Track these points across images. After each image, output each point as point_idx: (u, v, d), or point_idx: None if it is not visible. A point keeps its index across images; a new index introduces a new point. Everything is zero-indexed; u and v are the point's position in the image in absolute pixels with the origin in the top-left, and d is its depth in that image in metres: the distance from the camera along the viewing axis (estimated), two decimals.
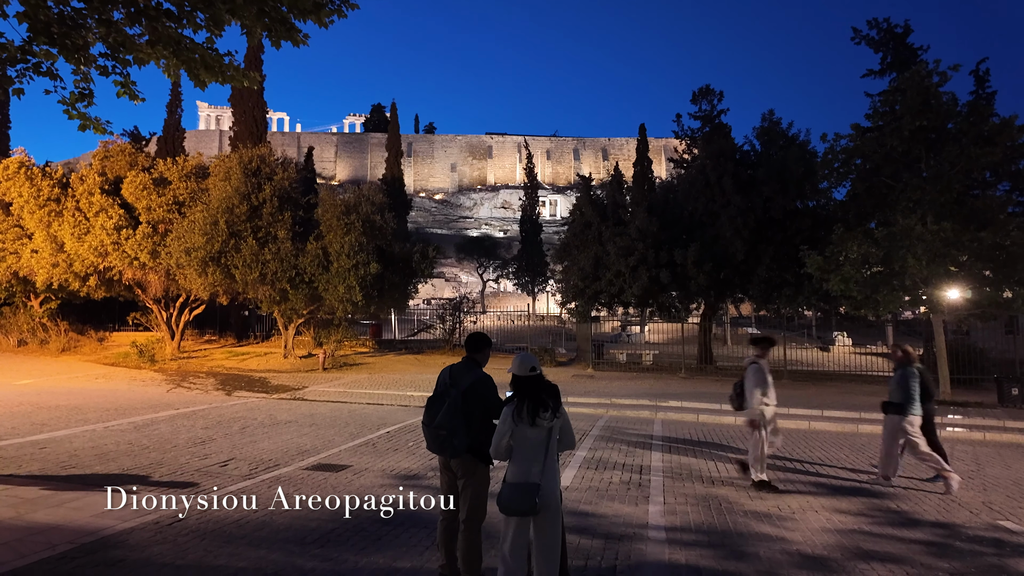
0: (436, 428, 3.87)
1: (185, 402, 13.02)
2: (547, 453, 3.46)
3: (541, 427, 3.47)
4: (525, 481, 3.43)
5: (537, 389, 3.53)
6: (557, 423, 3.52)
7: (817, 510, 6.06)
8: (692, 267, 17.51)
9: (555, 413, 3.50)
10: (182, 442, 8.69)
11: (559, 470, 3.60)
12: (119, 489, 6.07)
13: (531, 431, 3.48)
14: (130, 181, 18.39)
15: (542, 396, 3.51)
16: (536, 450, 3.47)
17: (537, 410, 3.47)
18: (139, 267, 18.30)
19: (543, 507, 3.40)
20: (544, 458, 3.45)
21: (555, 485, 3.50)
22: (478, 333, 4.24)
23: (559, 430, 3.57)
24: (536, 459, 3.45)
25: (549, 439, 3.48)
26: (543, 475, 3.43)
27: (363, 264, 17.05)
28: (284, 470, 7.21)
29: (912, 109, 12.94)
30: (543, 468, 3.43)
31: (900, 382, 6.86)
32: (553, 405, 3.51)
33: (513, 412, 3.51)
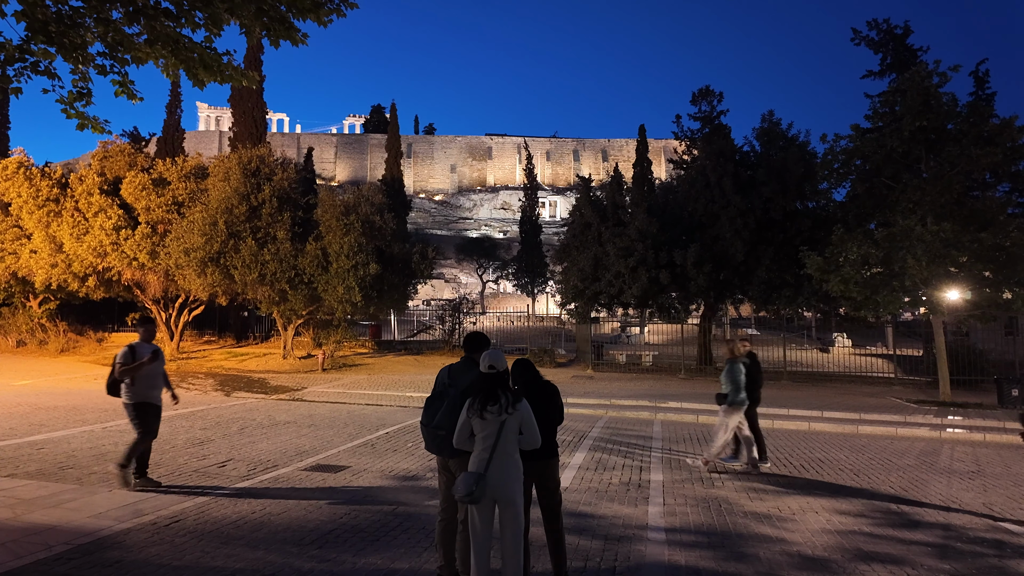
0: (435, 428, 3.85)
1: (183, 403, 12.97)
2: (496, 446, 3.52)
3: (490, 420, 3.54)
4: (471, 471, 3.53)
5: (491, 384, 3.59)
6: (512, 419, 3.57)
7: (817, 511, 6.04)
8: (692, 268, 17.50)
9: (507, 408, 3.55)
10: (180, 443, 8.66)
11: (519, 465, 3.63)
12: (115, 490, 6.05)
13: (482, 424, 3.56)
14: (129, 181, 18.37)
15: (495, 391, 3.58)
16: (486, 442, 3.55)
17: (485, 404, 3.55)
18: (138, 267, 18.27)
19: (492, 498, 3.48)
20: (492, 451, 3.51)
21: (509, 479, 3.54)
22: (477, 332, 4.22)
23: (518, 426, 3.62)
24: (485, 451, 3.53)
25: (500, 433, 3.54)
26: (489, 466, 3.49)
27: (362, 265, 17.03)
28: (283, 471, 7.19)
29: (912, 110, 12.93)
30: (490, 459, 3.50)
31: (728, 374, 7.45)
32: (505, 401, 3.57)
33: (468, 405, 3.62)
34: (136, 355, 6.12)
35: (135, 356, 6.12)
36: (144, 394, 6.15)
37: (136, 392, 6.11)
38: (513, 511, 3.53)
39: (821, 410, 12.20)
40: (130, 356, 6.10)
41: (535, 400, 4.11)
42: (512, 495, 3.53)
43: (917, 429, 10.84)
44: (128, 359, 6.09)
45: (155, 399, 6.26)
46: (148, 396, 6.18)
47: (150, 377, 6.21)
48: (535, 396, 4.12)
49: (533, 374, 4.19)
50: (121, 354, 6.15)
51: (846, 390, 15.99)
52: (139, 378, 6.11)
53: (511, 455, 3.57)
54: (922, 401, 13.66)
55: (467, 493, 3.40)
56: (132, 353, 6.13)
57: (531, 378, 4.18)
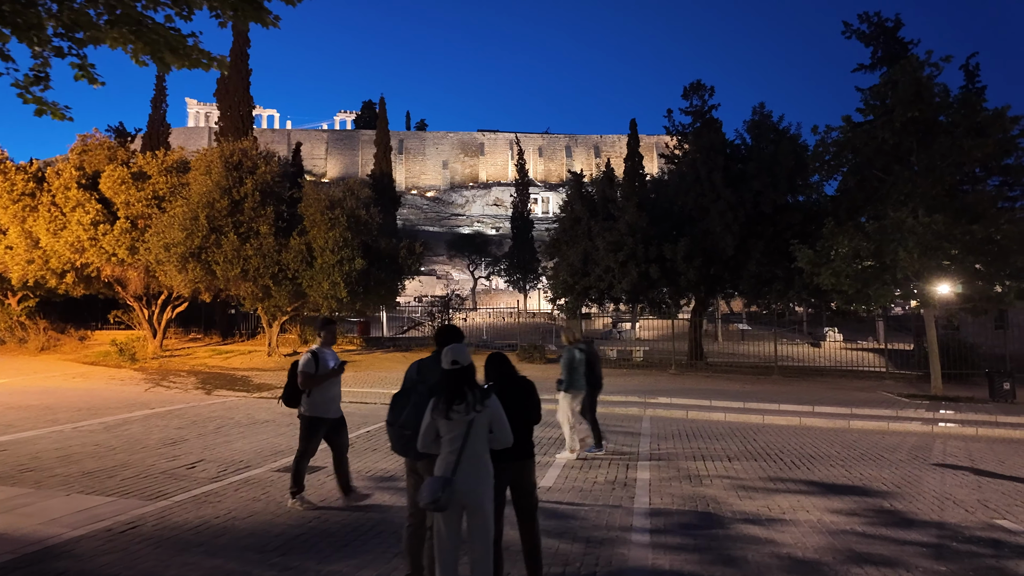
0: (400, 428, 3.60)
1: (162, 401, 12.65)
2: (464, 448, 3.25)
3: (457, 420, 3.27)
4: (436, 476, 3.27)
5: (456, 381, 3.32)
6: (480, 417, 3.30)
7: (808, 510, 5.84)
8: (682, 262, 17.30)
9: (475, 406, 3.29)
10: (152, 443, 8.35)
11: (489, 468, 3.36)
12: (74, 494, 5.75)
13: (447, 424, 3.29)
14: (108, 175, 17.90)
15: (461, 388, 3.31)
16: (453, 444, 3.28)
17: (451, 402, 3.28)
18: (117, 263, 17.82)
19: (460, 505, 3.23)
20: (460, 453, 3.24)
21: (478, 484, 3.28)
22: (449, 326, 3.97)
23: (489, 424, 3.36)
24: (452, 453, 3.26)
25: (468, 433, 3.27)
26: (456, 470, 3.23)
27: (348, 260, 16.69)
28: (254, 472, 6.90)
29: (904, 100, 12.76)
30: (457, 462, 3.24)
31: (564, 363, 7.65)
32: (472, 398, 3.30)
33: (432, 405, 3.35)
34: (319, 362, 5.40)
35: (318, 364, 5.41)
36: (319, 407, 5.44)
37: (310, 404, 5.42)
38: (482, 518, 3.27)
39: (812, 405, 12.05)
40: (313, 364, 5.38)
41: (510, 397, 3.86)
42: (481, 501, 3.27)
43: (909, 424, 10.70)
44: (311, 367, 5.36)
45: (332, 412, 5.54)
46: (323, 409, 5.46)
47: (328, 388, 5.51)
48: (510, 393, 3.87)
49: (508, 369, 3.94)
50: (304, 361, 5.38)
51: (837, 384, 15.87)
52: (316, 388, 5.41)
53: (480, 457, 3.31)
54: (913, 395, 13.55)
55: (432, 500, 3.14)
56: (315, 360, 5.40)
57: (505, 374, 3.93)
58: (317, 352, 5.46)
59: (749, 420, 11.20)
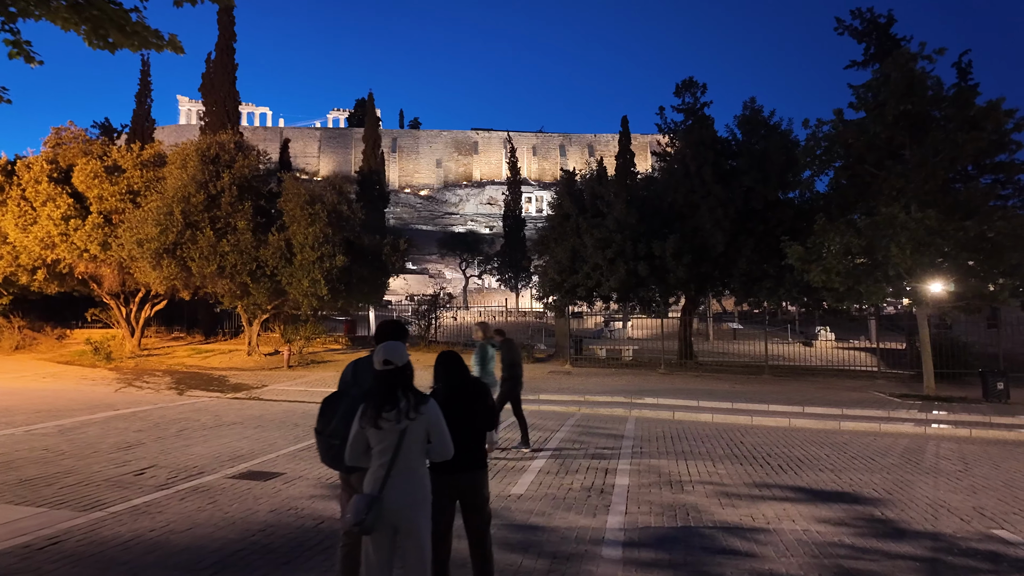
0: (328, 437, 3.18)
1: (130, 402, 12.17)
2: (394, 461, 2.83)
3: (388, 429, 2.84)
4: (363, 493, 2.85)
5: (389, 385, 2.90)
6: (415, 425, 2.87)
7: (794, 519, 5.46)
8: (671, 259, 16.94)
9: (408, 413, 2.86)
10: (106, 447, 7.89)
11: (425, 483, 2.95)
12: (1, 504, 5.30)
13: (378, 434, 2.86)
14: (80, 168, 17.33)
15: (393, 392, 2.88)
16: (383, 457, 2.85)
17: (380, 409, 2.85)
18: (90, 259, 17.27)
19: (391, 526, 2.81)
20: (390, 467, 2.82)
21: (411, 502, 2.85)
22: (390, 321, 3.55)
23: (425, 433, 2.92)
24: (382, 468, 2.84)
25: (400, 444, 2.84)
26: (385, 487, 2.80)
27: (328, 256, 16.22)
28: (207, 478, 6.46)
29: (896, 93, 12.43)
30: (386, 478, 2.81)
31: (476, 359, 7.55)
32: (406, 403, 2.87)
33: (360, 412, 2.92)
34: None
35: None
36: None
37: None
38: (416, 541, 2.86)
39: (802, 405, 11.70)
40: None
41: (459, 401, 3.46)
42: (415, 521, 2.85)
43: (901, 425, 10.37)
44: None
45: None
46: None
47: None
48: (459, 397, 3.47)
49: (457, 370, 3.54)
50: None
51: (828, 384, 15.56)
52: None
53: (414, 471, 2.89)
54: (905, 395, 13.24)
55: (356, 522, 2.72)
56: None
57: (454, 375, 3.53)
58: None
59: (737, 421, 10.85)
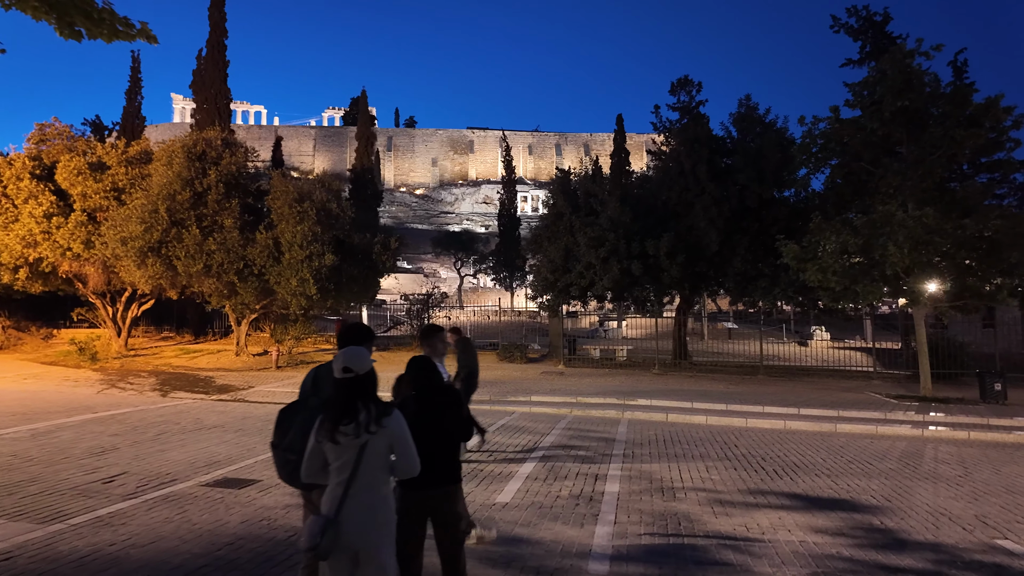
0: (284, 451, 2.92)
1: (111, 404, 11.86)
2: (353, 479, 2.57)
3: (346, 444, 2.59)
4: (320, 514, 2.59)
5: (348, 395, 2.64)
6: (376, 440, 2.61)
7: (790, 528, 5.24)
8: (665, 258, 16.71)
9: (368, 426, 2.60)
10: (78, 453, 7.60)
11: (388, 503, 2.69)
12: None
13: (335, 449, 2.60)
14: (63, 165, 16.96)
15: (353, 403, 2.62)
16: (341, 474, 2.60)
17: (338, 421, 2.59)
18: (73, 258, 16.92)
19: (349, 551, 2.55)
20: (348, 485, 2.57)
21: (372, 525, 2.59)
22: (354, 324, 3.29)
23: (388, 448, 2.67)
24: (339, 486, 2.59)
25: (359, 460, 2.58)
26: (343, 508, 2.55)
27: (317, 255, 15.93)
28: (179, 486, 6.19)
29: (893, 89, 12.21)
30: (343, 498, 2.56)
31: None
32: (366, 416, 2.61)
33: (316, 425, 2.67)
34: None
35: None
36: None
37: None
38: (377, 567, 2.60)
39: (798, 407, 11.49)
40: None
41: (430, 411, 3.20)
42: (376, 546, 2.59)
43: (898, 427, 10.17)
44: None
45: None
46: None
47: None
48: (431, 406, 3.22)
49: (427, 377, 3.28)
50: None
51: (824, 385, 15.37)
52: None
53: (375, 490, 2.64)
54: (902, 396, 13.05)
55: (310, 547, 2.47)
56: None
57: (425, 382, 3.27)
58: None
59: (731, 423, 10.63)
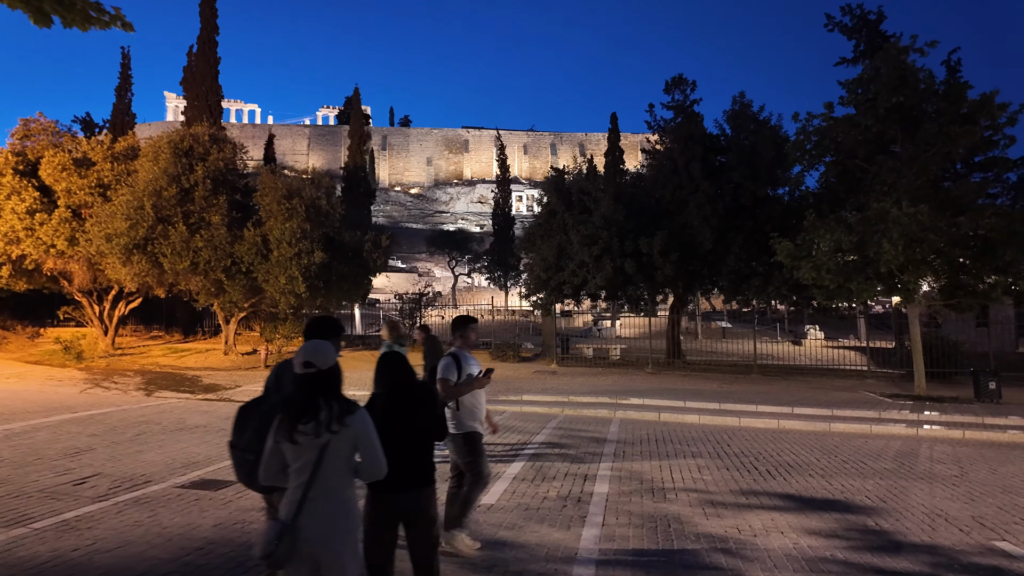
0: (242, 451, 2.73)
1: (93, 404, 11.62)
2: (312, 482, 2.38)
3: (305, 444, 2.40)
4: (276, 519, 2.41)
5: (309, 391, 2.45)
6: (338, 440, 2.43)
7: (783, 531, 5.08)
8: (658, 257, 16.57)
9: (329, 425, 2.41)
10: (52, 454, 7.37)
11: (351, 508, 2.50)
12: None
13: (294, 450, 2.41)
14: (47, 161, 16.67)
15: (314, 401, 2.43)
16: (300, 477, 2.41)
17: (297, 420, 2.40)
18: (57, 255, 16.63)
19: (309, 560, 2.36)
20: (306, 489, 2.38)
21: (333, 531, 2.40)
22: (321, 316, 3.10)
23: (352, 448, 2.49)
24: (298, 489, 2.40)
25: (320, 462, 2.40)
26: (300, 513, 2.36)
27: (306, 252, 15.70)
28: (154, 488, 5.98)
29: (888, 85, 12.11)
30: (301, 502, 2.37)
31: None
32: (327, 414, 2.42)
33: (275, 424, 2.47)
34: (461, 367, 4.41)
35: (460, 369, 4.40)
36: (471, 415, 4.49)
37: (460, 417, 4.44)
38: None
39: (792, 406, 11.37)
40: (454, 369, 4.38)
41: (402, 409, 3.02)
42: (338, 554, 2.40)
43: (893, 426, 10.06)
44: (452, 373, 4.37)
45: (481, 428, 4.62)
46: (475, 419, 4.52)
47: (477, 396, 4.58)
48: (402, 404, 3.04)
49: (399, 373, 3.09)
50: (443, 366, 4.44)
51: (818, 384, 15.28)
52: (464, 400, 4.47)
53: (338, 494, 2.45)
54: (896, 395, 12.96)
55: (265, 554, 2.28)
56: (457, 365, 4.40)
57: (398, 379, 3.09)
58: (458, 355, 4.46)
59: (724, 423, 10.49)
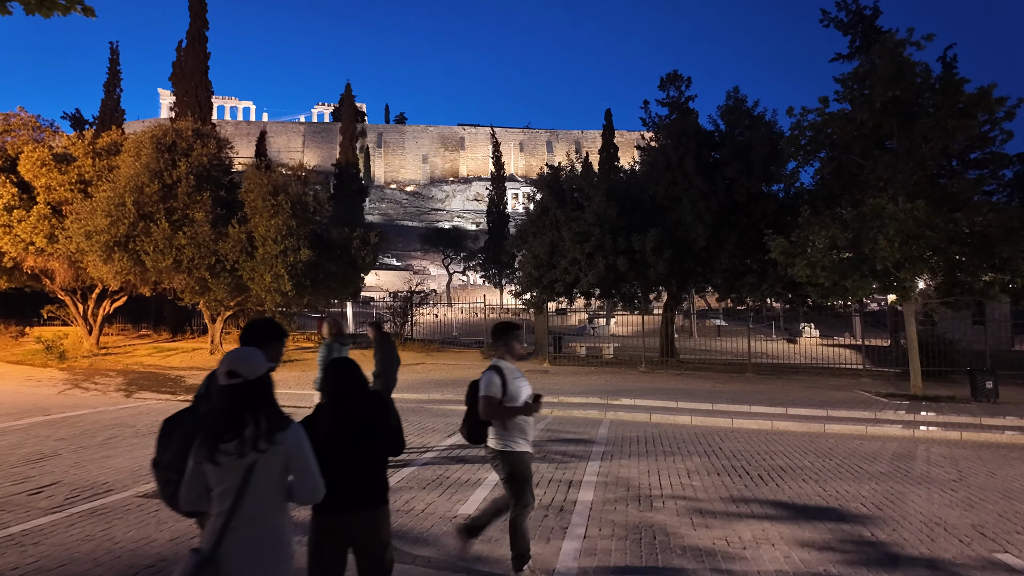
0: (164, 470, 2.44)
1: (68, 406, 11.29)
2: (236, 508, 2.08)
3: (228, 465, 2.10)
4: (194, 548, 2.11)
5: (233, 405, 2.15)
6: (266, 460, 2.12)
7: (775, 542, 4.82)
8: (651, 254, 16.31)
9: (258, 443, 2.10)
10: (14, 460, 7.06)
11: (282, 537, 2.20)
12: None
13: (216, 472, 2.11)
14: (26, 156, 16.28)
15: (239, 416, 2.13)
16: (223, 502, 2.11)
17: (218, 438, 2.10)
18: (36, 253, 16.25)
19: None
20: (229, 516, 2.08)
21: (261, 564, 2.10)
22: (259, 320, 2.81)
23: (284, 469, 2.18)
24: (220, 516, 2.10)
25: (245, 485, 2.09)
26: (222, 543, 2.06)
27: (292, 250, 15.37)
28: (114, 498, 5.68)
29: (884, 78, 11.86)
30: (222, 532, 2.07)
31: (319, 359, 7.15)
32: (254, 431, 2.11)
33: (196, 443, 2.17)
34: (507, 382, 3.81)
35: (506, 385, 3.79)
36: (520, 432, 3.94)
37: (508, 432, 3.89)
38: None
39: (786, 406, 11.13)
40: (499, 385, 3.78)
41: (350, 421, 2.73)
42: None
43: (889, 427, 9.82)
44: (496, 389, 3.77)
45: (530, 446, 4.06)
46: (523, 437, 3.96)
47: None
48: (350, 415, 2.74)
49: (348, 381, 2.80)
50: (487, 382, 3.81)
51: (813, 383, 15.06)
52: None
53: (266, 520, 2.16)
54: (892, 394, 12.74)
55: None
56: (502, 380, 3.80)
57: (345, 388, 2.79)
58: (502, 367, 3.87)
59: (717, 424, 10.24)
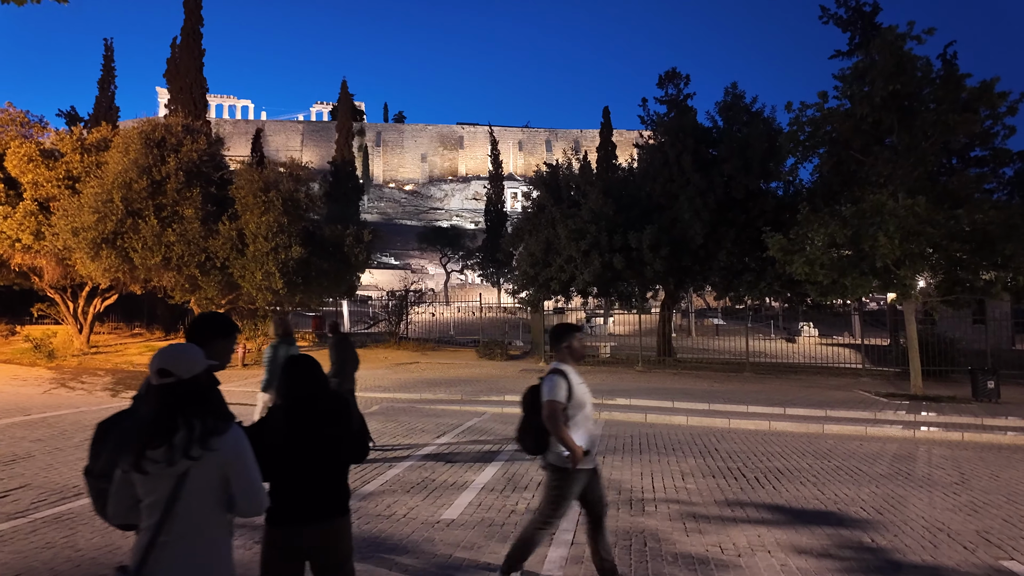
0: (96, 478, 2.21)
1: (50, 406, 11.06)
2: (164, 522, 1.86)
3: (156, 475, 1.88)
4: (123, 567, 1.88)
5: (165, 408, 1.92)
6: (200, 469, 1.90)
7: (770, 549, 4.60)
8: (648, 252, 16.09)
9: (190, 450, 1.88)
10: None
11: (219, 553, 1.98)
12: None
13: (145, 482, 1.89)
14: (13, 152, 16.04)
15: (171, 420, 1.90)
16: (152, 516, 1.89)
17: (146, 444, 1.87)
18: (23, 250, 16.01)
19: None
20: (156, 531, 1.86)
21: None
22: (207, 314, 2.58)
23: (220, 479, 1.95)
24: (147, 531, 1.88)
25: (175, 494, 1.87)
26: (147, 561, 1.84)
27: (284, 247, 15.14)
28: (83, 501, 5.44)
29: (885, 73, 11.64)
30: (149, 547, 1.85)
31: (265, 360, 6.88)
32: (185, 436, 1.88)
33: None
34: (573, 388, 3.46)
35: (572, 391, 3.45)
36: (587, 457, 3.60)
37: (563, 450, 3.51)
38: None
39: (784, 406, 10.92)
40: (565, 390, 3.42)
41: (306, 425, 2.50)
42: None
43: (889, 428, 9.61)
44: (562, 394, 3.41)
45: (591, 458, 3.63)
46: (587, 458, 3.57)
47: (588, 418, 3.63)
48: (306, 418, 2.52)
49: (306, 382, 2.57)
50: (550, 386, 3.43)
51: (812, 382, 14.85)
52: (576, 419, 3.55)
53: (201, 534, 1.93)
54: (892, 394, 12.53)
55: None
56: (568, 384, 3.45)
57: (302, 390, 2.56)
58: (565, 371, 3.51)
59: (713, 424, 10.03)
